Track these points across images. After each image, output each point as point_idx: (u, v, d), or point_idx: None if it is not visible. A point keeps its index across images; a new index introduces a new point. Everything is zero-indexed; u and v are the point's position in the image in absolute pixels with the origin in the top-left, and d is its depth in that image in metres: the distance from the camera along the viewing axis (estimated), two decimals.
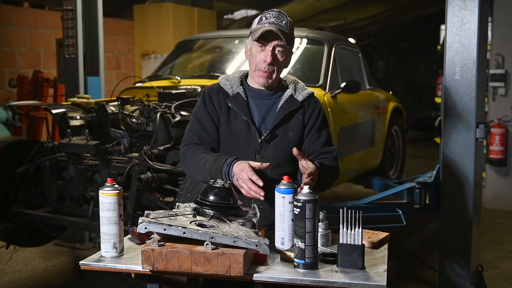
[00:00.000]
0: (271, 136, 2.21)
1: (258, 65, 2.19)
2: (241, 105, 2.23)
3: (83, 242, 5.02)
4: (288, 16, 2.23)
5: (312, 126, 2.26)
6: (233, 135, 2.23)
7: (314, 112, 2.27)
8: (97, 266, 1.86)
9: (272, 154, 2.21)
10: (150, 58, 8.28)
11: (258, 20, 2.19)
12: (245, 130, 2.22)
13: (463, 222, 3.46)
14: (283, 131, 2.23)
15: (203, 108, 2.27)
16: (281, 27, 2.15)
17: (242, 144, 2.22)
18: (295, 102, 2.24)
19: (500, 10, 6.36)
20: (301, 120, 2.25)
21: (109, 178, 1.94)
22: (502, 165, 6.46)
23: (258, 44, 2.17)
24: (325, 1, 10.94)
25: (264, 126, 2.23)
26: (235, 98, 2.24)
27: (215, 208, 1.95)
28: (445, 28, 3.43)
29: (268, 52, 2.16)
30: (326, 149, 2.27)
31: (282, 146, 2.21)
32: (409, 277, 4.34)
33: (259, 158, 2.21)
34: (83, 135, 3.67)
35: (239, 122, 2.23)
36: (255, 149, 2.21)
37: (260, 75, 2.20)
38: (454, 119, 3.44)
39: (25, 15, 8.08)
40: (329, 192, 6.29)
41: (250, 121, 2.21)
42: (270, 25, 2.14)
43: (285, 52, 2.19)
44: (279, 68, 2.22)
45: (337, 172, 2.27)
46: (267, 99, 2.26)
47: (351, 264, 1.80)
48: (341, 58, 4.58)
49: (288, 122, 2.24)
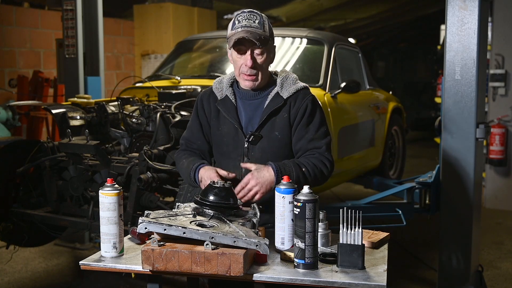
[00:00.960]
0: (256, 137, 2.19)
1: (241, 69, 2.18)
2: (229, 108, 2.23)
3: (83, 242, 5.02)
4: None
5: (298, 122, 2.20)
6: (222, 138, 2.25)
7: (300, 109, 2.20)
8: (97, 266, 1.86)
9: (259, 155, 2.19)
10: (150, 58, 8.28)
11: (232, 24, 2.16)
12: (232, 132, 2.23)
13: (463, 222, 3.46)
14: (269, 131, 2.20)
15: (194, 115, 2.34)
16: (254, 28, 2.12)
17: (231, 147, 2.23)
18: (279, 100, 2.20)
19: (500, 10, 6.36)
20: (287, 118, 2.20)
21: (109, 178, 1.94)
22: (502, 165, 6.46)
23: (235, 50, 2.16)
24: (325, 1, 10.94)
25: (250, 127, 2.22)
26: (223, 101, 2.25)
27: (215, 208, 1.96)
28: (445, 28, 3.42)
29: (248, 56, 2.14)
30: (313, 144, 2.19)
31: (269, 146, 2.20)
32: (409, 277, 4.34)
33: (247, 160, 2.20)
34: (83, 135, 3.67)
35: (227, 125, 2.24)
36: (243, 152, 2.21)
37: (245, 79, 2.19)
38: (454, 119, 3.44)
39: (25, 15, 8.08)
40: (329, 192, 6.28)
41: (236, 123, 2.21)
42: (242, 29, 2.11)
43: (264, 52, 2.17)
44: (263, 68, 2.19)
45: (325, 169, 2.17)
46: (254, 99, 2.25)
47: (351, 264, 1.80)
48: (341, 58, 4.58)
49: (274, 121, 2.20)
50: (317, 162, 2.16)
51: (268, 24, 2.20)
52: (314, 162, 2.16)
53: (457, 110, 3.41)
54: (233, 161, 2.23)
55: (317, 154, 2.18)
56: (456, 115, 3.42)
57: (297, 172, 2.11)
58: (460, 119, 3.41)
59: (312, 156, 2.18)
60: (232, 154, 2.23)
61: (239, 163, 2.21)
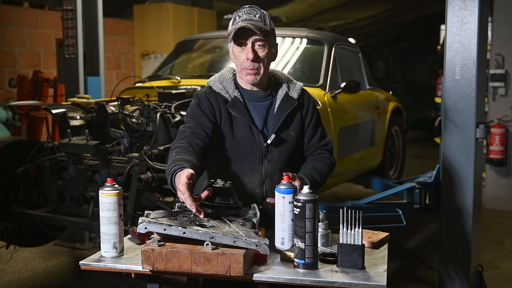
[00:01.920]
0: (279, 140, 2.21)
1: (243, 64, 2.17)
2: (242, 110, 2.19)
3: (83, 242, 5.02)
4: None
5: (309, 122, 2.29)
6: (237, 142, 2.19)
7: (310, 108, 2.29)
8: (97, 266, 1.86)
9: (278, 156, 2.21)
10: (150, 58, 8.28)
11: (232, 20, 2.17)
12: (248, 135, 2.19)
13: (463, 222, 3.46)
14: (285, 131, 2.23)
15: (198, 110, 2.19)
16: (255, 21, 2.12)
17: (247, 151, 2.19)
18: (292, 101, 2.24)
19: (500, 10, 6.36)
20: (300, 118, 2.27)
21: (109, 178, 1.94)
22: (502, 165, 6.46)
23: (237, 44, 2.16)
24: (325, 1, 10.94)
25: (266, 129, 2.22)
26: (234, 104, 2.20)
27: (215, 208, 1.95)
28: (445, 28, 3.42)
29: (249, 49, 2.14)
30: (322, 142, 2.31)
31: (285, 146, 2.22)
32: (409, 277, 4.34)
33: (266, 163, 2.19)
34: (83, 135, 3.67)
35: (241, 128, 2.19)
36: (261, 154, 2.19)
37: (247, 73, 2.18)
38: (454, 119, 3.44)
39: (25, 15, 8.08)
40: (329, 192, 6.29)
41: (253, 125, 2.18)
42: (243, 22, 2.11)
43: (266, 45, 2.16)
44: (265, 63, 2.18)
45: (333, 166, 2.32)
46: (263, 101, 2.25)
47: (351, 264, 1.80)
48: (341, 58, 4.58)
49: (289, 121, 2.24)
50: (328, 162, 2.29)
51: (269, 19, 2.21)
52: (327, 164, 2.28)
53: (457, 110, 3.41)
54: (251, 165, 2.20)
55: (327, 154, 2.29)
56: (456, 115, 3.42)
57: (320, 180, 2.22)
58: (460, 119, 3.41)
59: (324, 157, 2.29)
60: (249, 157, 2.20)
61: (257, 166, 2.20)
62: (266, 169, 2.20)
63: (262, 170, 2.20)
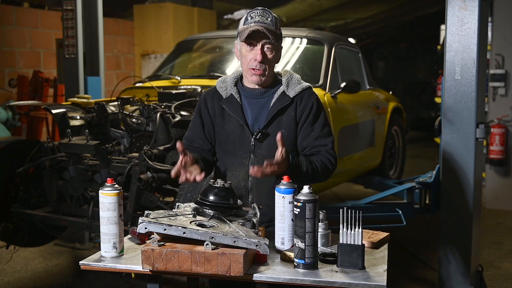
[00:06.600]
0: (263, 135, 2.22)
1: (249, 64, 2.22)
2: (234, 106, 2.26)
3: (83, 242, 5.02)
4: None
5: (304, 121, 2.27)
6: (228, 136, 2.28)
7: (306, 107, 2.27)
8: (97, 266, 1.86)
9: (266, 152, 2.21)
10: (150, 58, 8.29)
11: (244, 20, 2.21)
12: (238, 130, 2.26)
13: (463, 222, 3.46)
14: (276, 129, 2.22)
15: (196, 115, 2.36)
16: (267, 25, 2.17)
17: (237, 145, 2.26)
18: (286, 99, 2.26)
19: (500, 10, 6.36)
20: (293, 116, 2.26)
21: (109, 178, 1.94)
22: (502, 165, 6.46)
23: (246, 44, 2.20)
24: (325, 1, 10.94)
25: (257, 125, 2.26)
26: (229, 100, 2.28)
27: (215, 208, 1.96)
28: (445, 28, 3.42)
29: (258, 50, 2.19)
30: (319, 142, 2.26)
31: (276, 144, 2.20)
32: (409, 277, 4.34)
33: (254, 158, 2.23)
34: (83, 135, 3.67)
35: (233, 123, 2.27)
36: (249, 149, 2.24)
37: (253, 73, 2.22)
38: (454, 119, 3.44)
39: (25, 15, 8.08)
40: (329, 192, 6.29)
41: (242, 121, 2.25)
42: (256, 24, 2.16)
43: (274, 49, 2.22)
44: (271, 65, 2.25)
45: (331, 166, 2.24)
46: (260, 98, 2.29)
47: (351, 264, 1.80)
48: (341, 58, 4.58)
49: (281, 119, 2.25)
50: (324, 158, 2.24)
51: (279, 24, 2.26)
52: (321, 159, 2.23)
53: (457, 110, 3.42)
54: (238, 159, 2.26)
55: (323, 151, 2.25)
56: (456, 115, 3.42)
57: (307, 165, 2.17)
58: (460, 119, 3.41)
59: (319, 153, 2.25)
60: (238, 152, 2.26)
61: (245, 161, 2.24)
62: (253, 164, 2.21)
63: (248, 164, 2.23)
